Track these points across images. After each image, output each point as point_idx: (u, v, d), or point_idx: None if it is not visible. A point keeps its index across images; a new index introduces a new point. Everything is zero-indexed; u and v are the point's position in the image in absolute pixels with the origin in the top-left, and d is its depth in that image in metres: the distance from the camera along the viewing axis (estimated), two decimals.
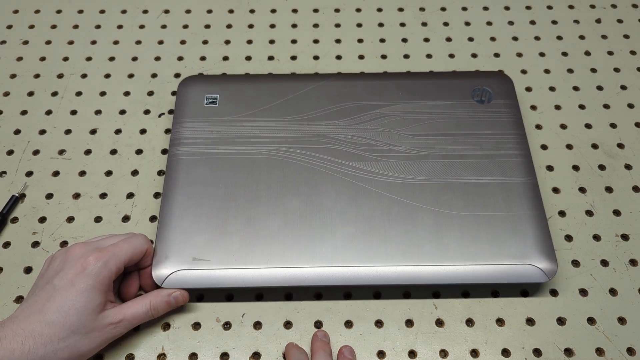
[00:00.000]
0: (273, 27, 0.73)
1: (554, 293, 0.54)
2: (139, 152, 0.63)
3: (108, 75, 0.68)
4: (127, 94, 0.67)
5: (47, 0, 0.75)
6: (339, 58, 0.70)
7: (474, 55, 0.70)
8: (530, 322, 0.53)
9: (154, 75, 0.68)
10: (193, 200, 0.55)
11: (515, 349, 0.51)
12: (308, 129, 0.60)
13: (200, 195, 0.56)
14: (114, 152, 0.63)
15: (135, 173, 0.61)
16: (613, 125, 0.65)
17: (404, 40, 0.72)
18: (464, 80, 0.63)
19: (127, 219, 0.58)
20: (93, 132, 0.64)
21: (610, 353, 0.51)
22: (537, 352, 0.51)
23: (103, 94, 0.67)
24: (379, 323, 0.53)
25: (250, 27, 0.73)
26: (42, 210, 0.59)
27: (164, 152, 0.62)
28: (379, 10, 0.74)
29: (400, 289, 0.55)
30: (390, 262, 0.52)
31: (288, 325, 0.53)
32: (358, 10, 0.75)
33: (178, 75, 0.68)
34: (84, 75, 0.68)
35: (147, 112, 0.66)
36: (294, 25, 0.73)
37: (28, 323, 0.45)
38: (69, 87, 0.67)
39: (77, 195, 0.60)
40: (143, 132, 0.64)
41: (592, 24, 0.73)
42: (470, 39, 0.72)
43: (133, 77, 0.68)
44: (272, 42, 0.71)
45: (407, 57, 0.70)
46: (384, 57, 0.70)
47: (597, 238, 0.57)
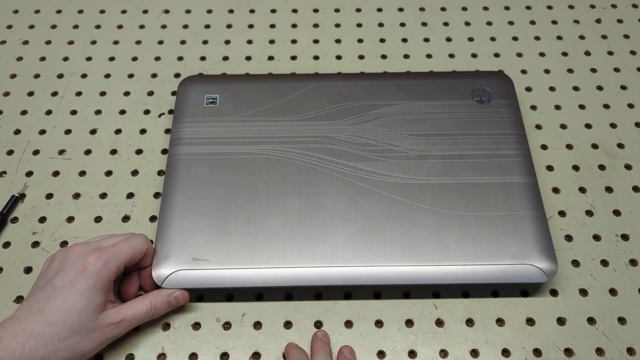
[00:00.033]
0: (273, 27, 0.73)
1: (554, 293, 0.54)
2: (139, 152, 0.63)
3: (108, 75, 0.68)
4: (127, 94, 0.67)
5: (47, 0, 0.75)
6: (339, 58, 0.70)
7: (474, 55, 0.70)
8: (530, 322, 0.53)
9: (154, 75, 0.68)
10: (193, 200, 0.55)
11: (515, 349, 0.51)
12: (308, 129, 0.60)
13: (200, 195, 0.56)
14: (114, 152, 0.63)
15: (135, 173, 0.61)
16: (613, 125, 0.65)
17: (404, 40, 0.72)
18: (464, 80, 0.63)
19: (127, 219, 0.58)
20: (93, 132, 0.64)
21: (610, 353, 0.51)
22: (537, 352, 0.51)
23: (103, 94, 0.67)
24: (379, 323, 0.53)
25: (250, 27, 0.73)
26: (42, 210, 0.59)
27: (164, 152, 0.62)
28: (379, 10, 0.74)
29: (400, 289, 0.55)
30: (390, 262, 0.52)
31: (288, 325, 0.53)
32: (358, 10, 0.75)
33: (178, 75, 0.68)
34: (84, 75, 0.68)
35: (147, 112, 0.66)
36: (294, 25, 0.73)
37: (29, 323, 0.45)
38: (69, 87, 0.67)
39: (77, 195, 0.60)
40: (143, 132, 0.64)
41: (592, 24, 0.73)
42: (470, 39, 0.72)
43: (133, 77, 0.68)
44: (272, 42, 0.71)
45: (407, 57, 0.70)
46: (384, 57, 0.70)
47: (597, 238, 0.57)
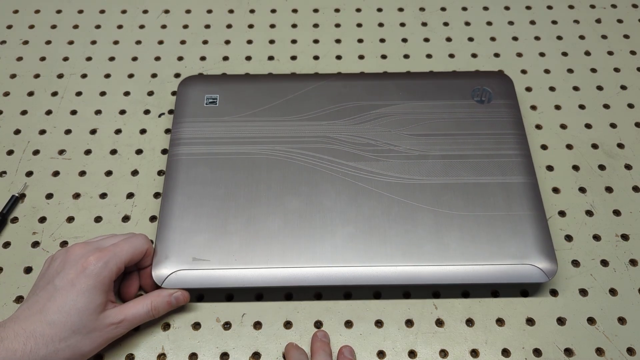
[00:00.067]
0: (273, 27, 0.73)
1: (554, 293, 0.54)
2: (139, 152, 0.63)
3: (108, 75, 0.68)
4: (127, 94, 0.67)
5: (47, 0, 0.75)
6: (339, 58, 0.70)
7: (474, 55, 0.70)
8: (530, 322, 0.53)
9: (154, 75, 0.68)
10: (193, 200, 0.55)
11: (515, 349, 0.51)
12: (308, 129, 0.60)
13: (200, 195, 0.56)
14: (114, 152, 0.63)
15: (135, 173, 0.61)
16: (613, 125, 0.65)
17: (404, 40, 0.72)
18: (464, 80, 0.63)
19: (127, 219, 0.58)
20: (93, 132, 0.64)
21: (610, 353, 0.51)
22: (537, 352, 0.51)
23: (103, 94, 0.67)
24: (379, 323, 0.53)
25: (250, 27, 0.73)
26: (42, 210, 0.59)
27: (164, 152, 0.62)
28: (379, 10, 0.74)
29: (400, 289, 0.55)
30: (390, 262, 0.52)
31: (288, 325, 0.53)
32: (358, 10, 0.75)
33: (178, 75, 0.68)
34: (84, 75, 0.68)
35: (147, 112, 0.66)
36: (294, 25, 0.73)
37: (29, 323, 0.45)
38: (69, 87, 0.67)
39: (77, 195, 0.60)
40: (143, 132, 0.64)
41: (592, 24, 0.73)
42: (470, 39, 0.72)
43: (133, 77, 0.68)
44: (272, 42, 0.71)
45: (407, 57, 0.70)
46: (384, 57, 0.70)
47: (597, 238, 0.57)
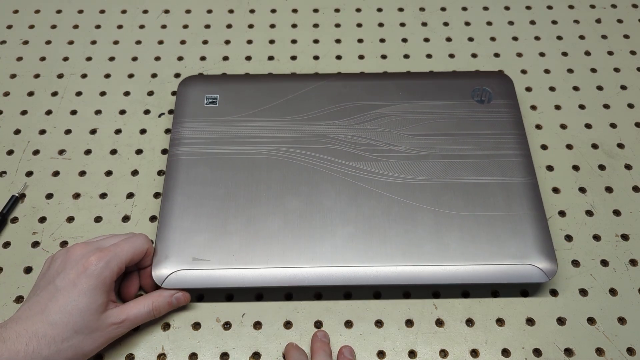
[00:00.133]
0: (273, 27, 0.73)
1: (554, 293, 0.54)
2: (139, 152, 0.63)
3: (108, 75, 0.68)
4: (127, 94, 0.67)
5: (47, 0, 0.75)
6: (339, 58, 0.70)
7: (474, 55, 0.70)
8: (530, 322, 0.53)
9: (154, 75, 0.68)
10: (193, 200, 0.55)
11: (515, 349, 0.51)
12: (308, 129, 0.60)
13: (200, 195, 0.56)
14: (114, 152, 0.63)
15: (135, 173, 0.61)
16: (613, 125, 0.65)
17: (404, 40, 0.72)
18: (464, 80, 0.63)
19: (127, 219, 0.58)
20: (93, 132, 0.64)
21: (610, 353, 0.51)
22: (537, 352, 0.51)
23: (103, 94, 0.67)
24: (379, 323, 0.53)
25: (250, 27, 0.73)
26: (42, 210, 0.59)
27: (164, 152, 0.62)
28: (379, 10, 0.74)
29: (400, 289, 0.55)
30: (390, 262, 0.52)
31: (288, 325, 0.53)
32: (358, 10, 0.75)
33: (178, 75, 0.68)
34: (84, 75, 0.68)
35: (147, 112, 0.66)
36: (294, 25, 0.73)
37: (31, 324, 0.45)
38: (69, 87, 0.67)
39: (77, 195, 0.60)
40: (143, 132, 0.64)
41: (592, 24, 0.73)
42: (470, 39, 0.72)
43: (133, 77, 0.68)
44: (272, 42, 0.71)
45: (407, 57, 0.70)
46: (384, 57, 0.70)
47: (597, 238, 0.57)
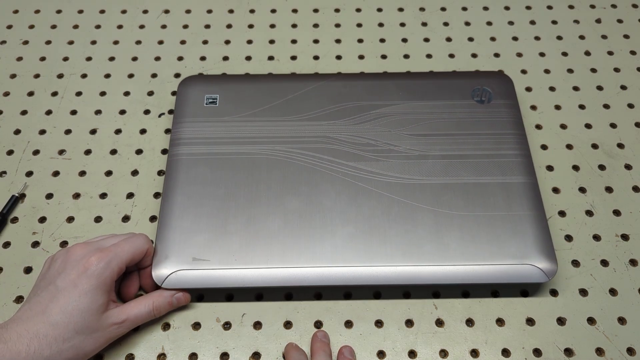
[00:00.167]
0: (273, 27, 0.73)
1: (554, 293, 0.54)
2: (139, 152, 0.63)
3: (108, 75, 0.68)
4: (127, 94, 0.67)
5: (47, 0, 0.75)
6: (339, 58, 0.70)
7: (474, 55, 0.70)
8: (530, 322, 0.53)
9: (154, 75, 0.68)
10: (193, 200, 0.55)
11: (515, 349, 0.51)
12: (308, 129, 0.60)
13: (200, 195, 0.56)
14: (114, 152, 0.63)
15: (135, 173, 0.61)
16: (613, 125, 0.65)
17: (404, 40, 0.72)
18: (464, 80, 0.63)
19: (127, 219, 0.58)
20: (93, 132, 0.64)
21: (610, 353, 0.51)
22: (537, 352, 0.51)
23: (103, 94, 0.67)
24: (379, 323, 0.53)
25: (250, 27, 0.73)
26: (42, 210, 0.59)
27: (164, 152, 0.62)
28: (379, 10, 0.74)
29: (400, 289, 0.55)
30: (390, 262, 0.52)
31: (288, 325, 0.53)
32: (358, 10, 0.75)
33: (178, 75, 0.68)
34: (84, 75, 0.68)
35: (147, 112, 0.66)
36: (294, 25, 0.73)
37: (32, 324, 0.45)
38: (69, 87, 0.67)
39: (77, 195, 0.60)
40: (143, 132, 0.64)
41: (592, 24, 0.73)
42: (470, 39, 0.72)
43: (133, 77, 0.68)
44: (272, 42, 0.71)
45: (407, 57, 0.70)
46: (384, 57, 0.70)
47: (597, 238, 0.57)
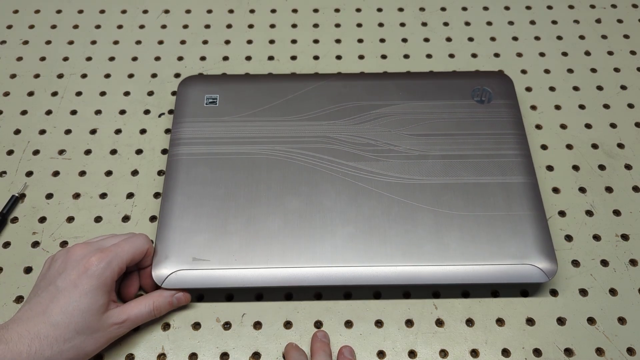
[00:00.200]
0: (273, 27, 0.73)
1: (554, 293, 0.54)
2: (139, 152, 0.63)
3: (108, 75, 0.68)
4: (127, 94, 0.67)
5: (47, 0, 0.75)
6: (339, 58, 0.70)
7: (474, 55, 0.70)
8: (530, 322, 0.53)
9: (154, 75, 0.68)
10: (193, 200, 0.55)
11: (515, 349, 0.51)
12: (308, 129, 0.60)
13: (200, 195, 0.56)
14: (114, 152, 0.63)
15: (135, 173, 0.61)
16: (613, 125, 0.65)
17: (404, 40, 0.72)
18: (464, 80, 0.63)
19: (127, 219, 0.58)
20: (93, 132, 0.64)
21: (610, 353, 0.51)
22: (537, 352, 0.51)
23: (103, 94, 0.67)
24: (379, 323, 0.53)
25: (250, 27, 0.73)
26: (42, 210, 0.59)
27: (164, 152, 0.62)
28: (379, 10, 0.74)
29: (400, 289, 0.55)
30: (390, 262, 0.52)
31: (288, 325, 0.53)
32: (358, 10, 0.75)
33: (178, 75, 0.68)
34: (84, 75, 0.68)
35: (147, 112, 0.66)
36: (294, 25, 0.73)
37: (33, 325, 0.45)
38: (69, 87, 0.67)
39: (77, 195, 0.60)
40: (143, 132, 0.64)
41: (592, 24, 0.73)
42: (470, 39, 0.72)
43: (133, 77, 0.68)
44: (272, 42, 0.71)
45: (407, 57, 0.70)
46: (384, 57, 0.70)
47: (597, 238, 0.57)
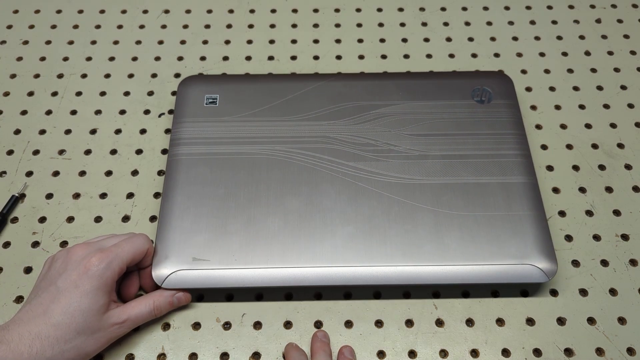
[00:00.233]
0: (273, 27, 0.73)
1: (554, 293, 0.54)
2: (139, 152, 0.63)
3: (108, 75, 0.68)
4: (127, 94, 0.67)
5: (47, 0, 0.75)
6: (339, 58, 0.70)
7: (474, 55, 0.70)
8: (530, 322, 0.53)
9: (154, 75, 0.68)
10: (193, 200, 0.55)
11: (515, 349, 0.51)
12: (308, 129, 0.60)
13: (200, 195, 0.56)
14: (114, 152, 0.63)
15: (135, 173, 0.61)
16: (613, 125, 0.65)
17: (404, 40, 0.72)
18: (464, 80, 0.63)
19: (127, 219, 0.58)
20: (93, 132, 0.64)
21: (610, 353, 0.51)
22: (537, 352, 0.51)
23: (103, 94, 0.67)
24: (379, 323, 0.53)
25: (250, 27, 0.73)
26: (42, 210, 0.59)
27: (164, 152, 0.62)
28: (379, 10, 0.74)
29: (400, 289, 0.55)
30: (390, 262, 0.52)
31: (288, 325, 0.53)
32: (358, 10, 0.75)
33: (178, 75, 0.68)
34: (84, 75, 0.68)
35: (147, 112, 0.66)
36: (294, 25, 0.73)
37: (34, 325, 0.45)
38: (69, 87, 0.67)
39: (77, 195, 0.60)
40: (143, 132, 0.64)
41: (592, 24, 0.73)
42: (470, 39, 0.72)
43: (133, 77, 0.68)
44: (272, 42, 0.71)
45: (407, 57, 0.70)
46: (384, 57, 0.70)
47: (597, 238, 0.57)
